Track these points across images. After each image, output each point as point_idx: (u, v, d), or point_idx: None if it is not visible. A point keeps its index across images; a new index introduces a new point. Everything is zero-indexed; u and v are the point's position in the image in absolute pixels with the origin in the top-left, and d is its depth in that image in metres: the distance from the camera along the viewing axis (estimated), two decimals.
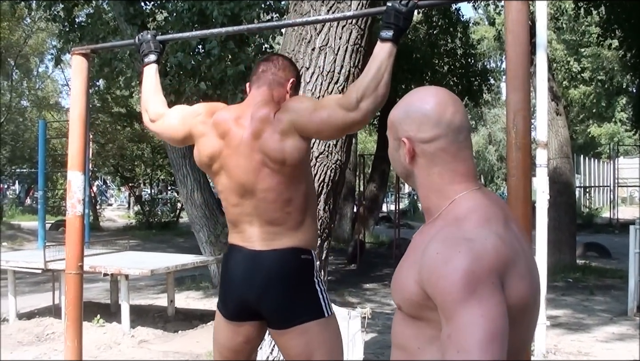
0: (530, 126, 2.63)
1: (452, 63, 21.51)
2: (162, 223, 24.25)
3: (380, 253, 16.67)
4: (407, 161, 1.89)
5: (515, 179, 2.59)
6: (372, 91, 2.74)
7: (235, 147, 2.93)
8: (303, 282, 2.95)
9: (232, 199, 2.99)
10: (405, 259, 1.86)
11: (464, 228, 1.73)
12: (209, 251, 11.34)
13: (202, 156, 3.03)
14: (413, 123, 1.88)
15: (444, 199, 1.85)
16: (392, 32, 2.76)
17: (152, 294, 11.03)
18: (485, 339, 1.56)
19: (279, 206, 2.91)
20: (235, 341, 3.06)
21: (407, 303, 1.79)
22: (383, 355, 6.85)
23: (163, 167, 25.34)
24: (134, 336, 7.92)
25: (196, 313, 9.39)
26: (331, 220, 5.47)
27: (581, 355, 7.23)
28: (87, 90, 3.58)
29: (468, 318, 1.58)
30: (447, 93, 1.91)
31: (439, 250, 1.68)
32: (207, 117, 3.05)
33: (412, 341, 1.81)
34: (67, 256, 3.52)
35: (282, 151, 2.85)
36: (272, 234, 2.93)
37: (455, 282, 1.60)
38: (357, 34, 5.27)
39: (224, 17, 9.61)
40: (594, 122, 39.71)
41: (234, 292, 3.00)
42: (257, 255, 2.94)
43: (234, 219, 3.02)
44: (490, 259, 1.65)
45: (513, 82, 2.62)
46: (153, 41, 3.38)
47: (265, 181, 2.89)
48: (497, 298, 1.61)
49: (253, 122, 2.92)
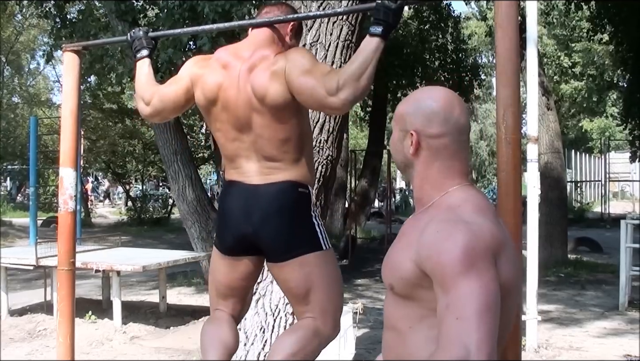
0: (520, 121, 2.65)
1: (443, 58, 21.53)
2: (153, 219, 24.19)
3: (372, 248, 16.67)
4: (411, 153, 1.99)
5: (505, 174, 2.60)
6: (353, 82, 2.74)
7: (233, 78, 2.95)
8: (301, 215, 2.97)
9: (230, 133, 3.00)
10: (396, 243, 2.00)
11: (459, 213, 1.86)
12: (200, 247, 11.32)
13: (205, 92, 3.02)
14: (423, 118, 1.97)
15: (438, 190, 1.97)
16: (382, 28, 2.77)
17: (143, 290, 11.02)
18: (482, 308, 1.69)
19: (276, 145, 2.93)
20: (231, 276, 3.07)
21: (401, 283, 1.90)
22: (375, 350, 6.85)
23: (154, 163, 25.30)
24: (125, 332, 7.92)
25: (188, 309, 9.40)
26: (323, 216, 5.49)
27: (572, 350, 7.26)
28: (79, 86, 3.57)
29: (467, 289, 1.71)
30: (455, 95, 2.05)
31: (438, 229, 1.81)
32: (204, 61, 3.11)
33: (403, 321, 1.92)
34: (59, 252, 3.51)
35: (265, 88, 2.87)
36: (269, 169, 2.95)
37: (456, 256, 1.74)
38: (347, 30, 5.28)
39: (215, 14, 9.60)
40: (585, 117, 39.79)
41: (232, 226, 3.00)
42: (255, 189, 2.95)
43: (231, 154, 3.03)
44: (487, 238, 1.80)
45: (502, 77, 2.62)
46: (145, 38, 3.38)
47: (258, 118, 2.92)
48: (492, 274, 1.76)
49: (253, 56, 2.96)
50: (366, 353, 6.71)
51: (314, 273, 2.94)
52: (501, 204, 2.61)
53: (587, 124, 39.79)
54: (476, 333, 1.66)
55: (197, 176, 11.76)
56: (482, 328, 1.67)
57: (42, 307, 8.96)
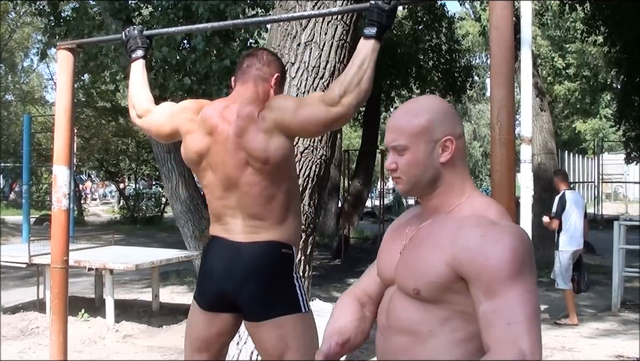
0: (514, 122, 2.65)
1: (437, 59, 21.55)
2: (146, 218, 24.18)
3: (365, 248, 16.69)
4: (445, 160, 1.97)
5: (499, 174, 2.60)
6: (355, 87, 2.78)
7: (221, 143, 2.93)
8: (282, 276, 2.96)
9: (216, 192, 2.99)
10: (416, 248, 1.97)
11: (489, 217, 1.88)
12: (193, 246, 11.31)
13: (190, 153, 3.04)
14: (449, 122, 1.98)
15: (459, 195, 1.98)
16: (376, 29, 2.79)
17: (136, 289, 11.01)
18: (532, 313, 1.73)
19: (262, 202, 2.93)
20: (208, 332, 3.05)
21: (431, 286, 1.88)
22: (367, 350, 6.85)
23: (148, 162, 25.29)
24: (118, 330, 7.90)
25: (181, 307, 9.37)
26: (316, 215, 5.49)
27: (565, 350, 7.28)
28: (73, 84, 3.57)
29: (516, 294, 1.73)
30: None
31: (481, 233, 1.82)
32: (194, 114, 3.06)
33: (422, 324, 1.91)
34: (53, 250, 3.50)
35: (266, 150, 2.87)
36: (254, 228, 2.94)
37: (505, 261, 1.76)
38: (342, 29, 5.28)
39: (209, 13, 9.59)
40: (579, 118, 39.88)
41: (213, 282, 3.00)
42: (238, 247, 2.95)
43: (217, 211, 3.03)
44: (526, 242, 1.83)
45: (497, 78, 2.62)
46: (140, 37, 3.38)
47: (249, 178, 2.91)
48: (534, 278, 1.80)
49: (238, 119, 2.92)
50: (358, 352, 6.71)
51: (290, 335, 2.93)
52: None
53: (581, 126, 39.88)
54: (529, 338, 1.70)
55: (190, 175, 11.72)
56: (533, 332, 1.71)
57: (34, 305, 8.93)
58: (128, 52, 3.39)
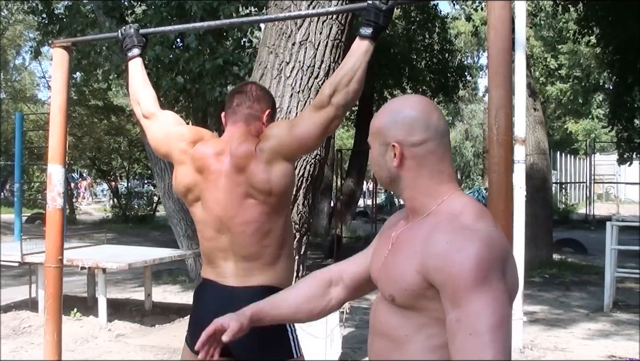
0: (511, 122, 2.65)
1: (429, 58, 21.57)
2: (138, 217, 24.12)
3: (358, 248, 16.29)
4: (396, 165, 1.93)
5: (496, 175, 2.59)
6: (344, 87, 2.77)
7: (213, 181, 2.90)
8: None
9: (207, 232, 2.95)
10: (394, 253, 1.94)
11: (463, 221, 1.81)
12: (186, 245, 11.31)
13: (179, 184, 3.01)
14: (402, 128, 1.93)
15: (433, 198, 1.92)
16: (372, 29, 2.78)
17: (129, 288, 10.98)
18: (496, 323, 1.66)
19: (257, 239, 2.88)
20: None
21: (404, 294, 1.84)
22: (360, 350, 6.85)
23: (140, 160, 25.22)
24: (110, 330, 7.88)
25: (173, 307, 9.36)
26: (310, 215, 5.48)
27: (558, 351, 7.29)
28: (69, 83, 3.55)
29: (480, 303, 1.67)
30: (429, 100, 2.02)
31: (447, 240, 1.75)
32: (189, 146, 3.01)
33: (398, 329, 1.88)
34: (47, 249, 3.48)
35: (269, 181, 2.83)
36: (246, 270, 2.90)
37: (469, 268, 1.68)
38: (337, 29, 5.29)
39: (202, 12, 9.59)
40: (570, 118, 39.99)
41: (204, 327, 2.94)
42: (230, 292, 2.90)
43: (208, 253, 2.99)
44: (496, 248, 1.75)
45: (495, 79, 2.62)
46: (136, 35, 3.35)
47: (246, 213, 2.86)
48: (503, 285, 1.71)
49: (234, 158, 2.88)
50: (352, 353, 6.71)
51: None
52: (492, 205, 2.60)
53: (572, 126, 40.00)
54: (491, 350, 1.64)
55: None
56: (496, 344, 1.65)
57: (27, 304, 8.89)
58: (124, 51, 3.37)
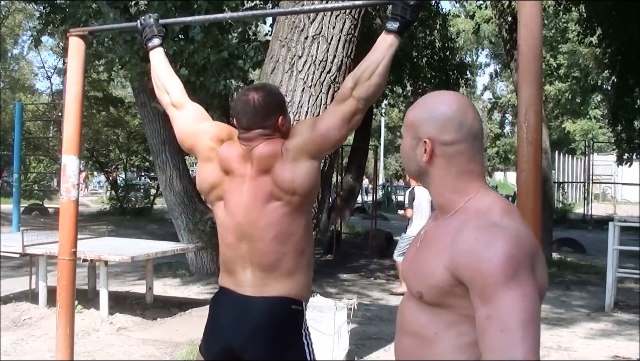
0: (541, 120, 2.61)
1: (431, 56, 21.53)
2: (136, 209, 24.02)
3: (356, 244, 16.65)
4: (425, 160, 1.93)
5: (525, 173, 2.57)
6: (366, 80, 2.74)
7: (237, 185, 2.85)
8: (290, 333, 2.86)
9: (228, 238, 2.90)
10: (422, 249, 1.94)
11: (491, 218, 1.81)
12: (186, 239, 11.28)
13: (204, 182, 2.96)
14: (436, 125, 1.91)
15: (460, 195, 1.92)
16: (398, 24, 2.76)
17: (129, 281, 10.92)
18: (527, 319, 1.65)
19: (277, 245, 2.81)
20: None
21: (432, 291, 1.84)
22: (364, 346, 6.83)
23: (138, 152, 25.15)
24: (112, 323, 7.83)
25: (174, 301, 9.33)
26: (319, 211, 5.46)
27: (561, 350, 7.27)
28: (84, 72, 3.50)
29: (510, 299, 1.66)
30: (466, 99, 1.98)
31: (476, 236, 1.75)
32: (217, 144, 2.94)
33: (427, 327, 1.88)
34: (61, 241, 3.44)
35: (293, 179, 2.77)
36: (264, 280, 2.84)
37: (498, 265, 1.68)
38: (350, 24, 5.25)
39: (207, 3, 9.52)
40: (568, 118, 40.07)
41: (219, 337, 2.91)
42: (247, 301, 2.85)
43: (226, 260, 2.93)
44: (525, 244, 1.74)
45: (525, 76, 2.59)
46: (156, 25, 3.32)
47: (268, 216, 2.80)
48: (533, 282, 1.70)
49: (259, 160, 2.82)
50: (356, 349, 6.68)
51: None
52: (521, 203, 2.58)
53: (570, 126, 40.09)
54: (522, 346, 1.63)
55: (184, 167, 11.69)
56: (527, 341, 1.64)
57: (26, 295, 8.83)
58: (144, 41, 3.33)
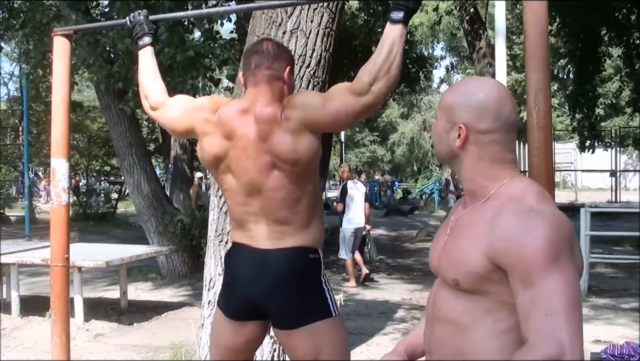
0: (550, 105, 2.59)
1: None
2: (99, 215, 23.75)
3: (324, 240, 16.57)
4: (458, 145, 1.92)
5: (537, 159, 2.54)
6: (385, 73, 2.71)
7: (242, 148, 2.82)
8: (311, 282, 2.88)
9: (238, 198, 2.89)
10: (456, 237, 1.93)
11: (527, 203, 1.81)
12: (156, 242, 11.15)
13: (207, 155, 2.91)
14: (473, 112, 1.90)
15: (492, 182, 1.91)
16: (403, 13, 2.73)
17: (100, 286, 10.76)
18: (570, 302, 1.66)
19: (288, 205, 2.82)
20: (236, 341, 2.98)
21: (469, 277, 1.84)
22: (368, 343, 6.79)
23: (98, 157, 24.87)
24: (88, 330, 7.70)
25: (149, 304, 9.22)
26: None
27: None
28: (70, 73, 3.39)
29: (553, 283, 1.67)
30: (506, 89, 1.97)
31: (515, 221, 1.75)
32: (211, 114, 2.91)
33: (464, 315, 1.87)
34: (52, 248, 3.35)
35: (295, 151, 2.75)
36: (279, 233, 2.84)
37: (540, 249, 1.69)
38: (328, 17, 5.18)
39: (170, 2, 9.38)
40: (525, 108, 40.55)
41: (239, 291, 2.90)
42: (264, 254, 2.85)
43: (239, 217, 2.92)
44: (565, 228, 1.75)
45: (533, 61, 2.56)
46: (146, 22, 3.23)
47: (275, 181, 2.80)
48: (573, 265, 1.73)
49: (258, 123, 2.80)
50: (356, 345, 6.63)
51: (323, 341, 2.86)
52: None
53: None
54: (568, 329, 1.64)
55: (152, 169, 11.56)
56: (572, 324, 1.65)
57: None
58: (134, 40, 3.25)
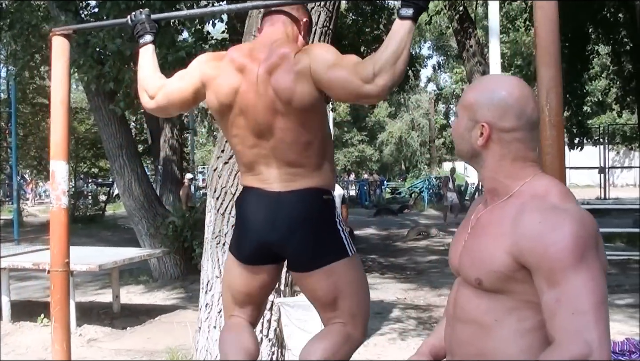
0: (562, 102, 2.55)
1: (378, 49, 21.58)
2: (87, 217, 23.63)
3: None
4: (480, 144, 1.91)
5: (550, 157, 2.50)
6: (390, 67, 2.62)
7: (252, 82, 2.78)
8: (326, 223, 2.85)
9: (248, 140, 2.84)
10: (478, 236, 1.92)
11: (551, 201, 1.79)
12: (148, 244, 11.08)
13: (220, 96, 2.84)
14: (496, 110, 1.89)
15: (514, 180, 1.89)
16: (412, 10, 2.68)
17: (91, 290, 10.67)
18: (597, 301, 1.64)
19: (298, 149, 2.79)
20: (250, 285, 2.95)
21: (493, 276, 1.82)
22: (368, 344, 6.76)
23: (86, 159, 24.74)
24: (81, 335, 7.63)
25: (141, 308, 9.15)
26: None
27: None
28: (69, 73, 3.33)
29: (579, 282, 1.65)
30: (528, 87, 1.95)
31: (540, 220, 1.73)
32: (217, 61, 2.89)
33: (487, 314, 1.86)
34: (52, 252, 3.28)
35: (292, 91, 2.71)
36: (291, 175, 2.81)
37: (565, 248, 1.67)
38: (325, 16, 5.14)
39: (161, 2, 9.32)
40: None
41: (253, 235, 2.86)
42: (277, 197, 2.81)
43: (249, 161, 2.88)
44: (589, 226, 1.73)
45: (544, 58, 2.53)
46: (148, 21, 3.19)
47: (281, 121, 2.77)
48: (599, 264, 1.70)
49: (271, 57, 2.77)
50: None
51: (341, 280, 2.83)
52: None
53: None
54: (596, 329, 1.62)
55: (143, 171, 11.50)
56: (600, 323, 1.62)
57: None
58: (136, 38, 3.19)
